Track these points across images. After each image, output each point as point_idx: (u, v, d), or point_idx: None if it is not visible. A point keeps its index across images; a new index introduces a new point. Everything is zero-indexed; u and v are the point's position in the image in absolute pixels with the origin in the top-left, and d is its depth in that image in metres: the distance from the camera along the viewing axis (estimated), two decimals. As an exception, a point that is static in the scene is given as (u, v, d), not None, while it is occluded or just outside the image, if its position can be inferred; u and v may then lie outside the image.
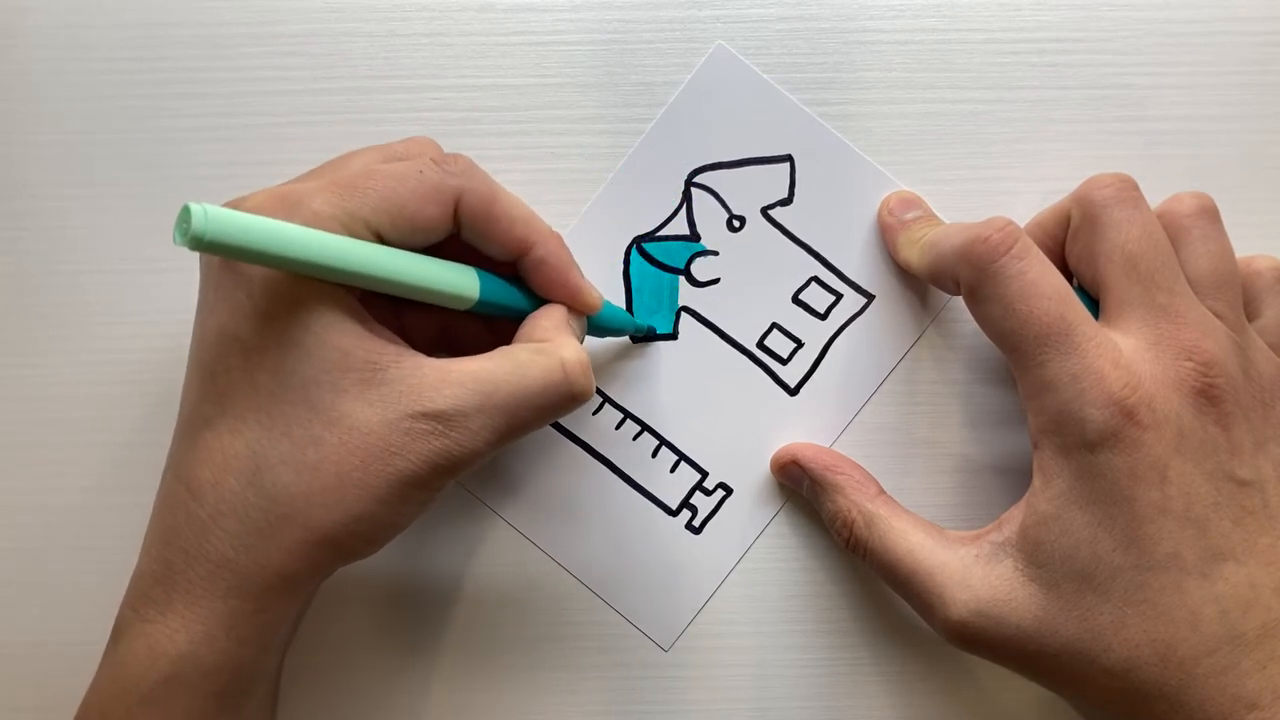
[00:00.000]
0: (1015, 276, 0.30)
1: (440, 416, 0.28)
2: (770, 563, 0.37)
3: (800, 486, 0.36)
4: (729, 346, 0.37)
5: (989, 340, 0.32)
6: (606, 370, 0.37)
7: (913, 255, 0.34)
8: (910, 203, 0.36)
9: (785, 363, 0.37)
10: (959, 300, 0.36)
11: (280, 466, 0.27)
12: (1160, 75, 0.37)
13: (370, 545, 0.29)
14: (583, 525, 0.36)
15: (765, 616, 0.37)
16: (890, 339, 0.37)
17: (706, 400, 0.37)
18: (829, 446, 0.36)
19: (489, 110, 0.37)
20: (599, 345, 0.37)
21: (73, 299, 0.37)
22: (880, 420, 0.37)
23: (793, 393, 0.37)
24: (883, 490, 0.35)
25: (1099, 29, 0.37)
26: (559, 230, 0.33)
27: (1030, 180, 0.37)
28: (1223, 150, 0.37)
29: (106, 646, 0.30)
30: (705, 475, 0.37)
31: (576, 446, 0.37)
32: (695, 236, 0.37)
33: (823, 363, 0.37)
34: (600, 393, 0.37)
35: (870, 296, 0.37)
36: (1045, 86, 0.37)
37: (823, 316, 0.37)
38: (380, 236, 0.29)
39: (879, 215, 0.36)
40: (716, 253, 0.37)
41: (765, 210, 0.37)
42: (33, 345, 0.37)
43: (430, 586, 0.36)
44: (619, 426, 0.37)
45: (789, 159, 0.37)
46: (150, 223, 0.37)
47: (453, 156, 0.31)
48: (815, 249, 0.37)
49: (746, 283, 0.37)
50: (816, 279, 0.37)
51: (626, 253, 0.37)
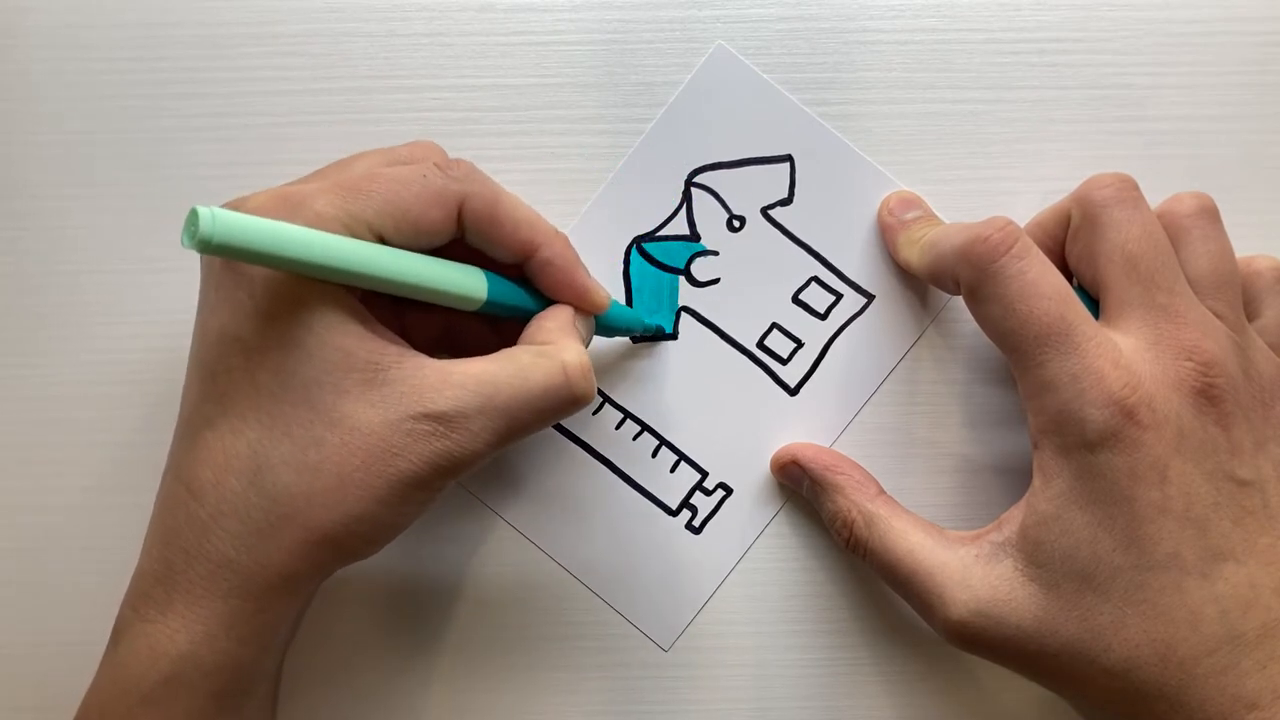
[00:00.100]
0: (1015, 276, 0.30)
1: (441, 418, 0.28)
2: (770, 563, 0.37)
3: (800, 486, 0.36)
4: (729, 346, 0.37)
5: (989, 340, 0.32)
6: (607, 370, 0.37)
7: (913, 255, 0.34)
8: (910, 203, 0.36)
9: (785, 363, 0.37)
10: (959, 300, 0.36)
11: (281, 467, 0.27)
12: (1160, 75, 0.37)
13: (371, 545, 0.29)
14: (583, 525, 0.36)
15: (765, 616, 0.37)
16: (890, 339, 0.37)
17: (706, 400, 0.37)
18: (829, 446, 0.36)
19: (489, 110, 0.37)
20: (599, 345, 0.37)
21: (73, 299, 0.37)
22: (880, 420, 0.37)
23: (793, 393, 0.37)
24: (883, 490, 0.35)
25: (1099, 29, 0.37)
26: (563, 229, 0.33)
27: (1030, 180, 0.37)
28: (1223, 150, 0.37)
29: (107, 646, 0.30)
30: (705, 475, 0.37)
31: (577, 446, 0.37)
32: (695, 236, 0.37)
33: (823, 363, 0.37)
34: (601, 393, 0.37)
35: (870, 296, 0.37)
36: (1045, 86, 0.37)
37: (823, 316, 0.37)
38: (383, 239, 0.29)
39: (879, 215, 0.36)
40: (716, 253, 0.37)
41: (765, 210, 0.37)
42: (33, 345, 0.37)
43: (430, 586, 0.36)
44: (619, 426, 0.37)
45: (789, 159, 0.37)
46: (150, 223, 0.37)
47: (456, 161, 0.31)
48: (815, 249, 0.37)
49: (746, 283, 0.37)
50: (816, 279, 0.37)
51: (626, 253, 0.37)
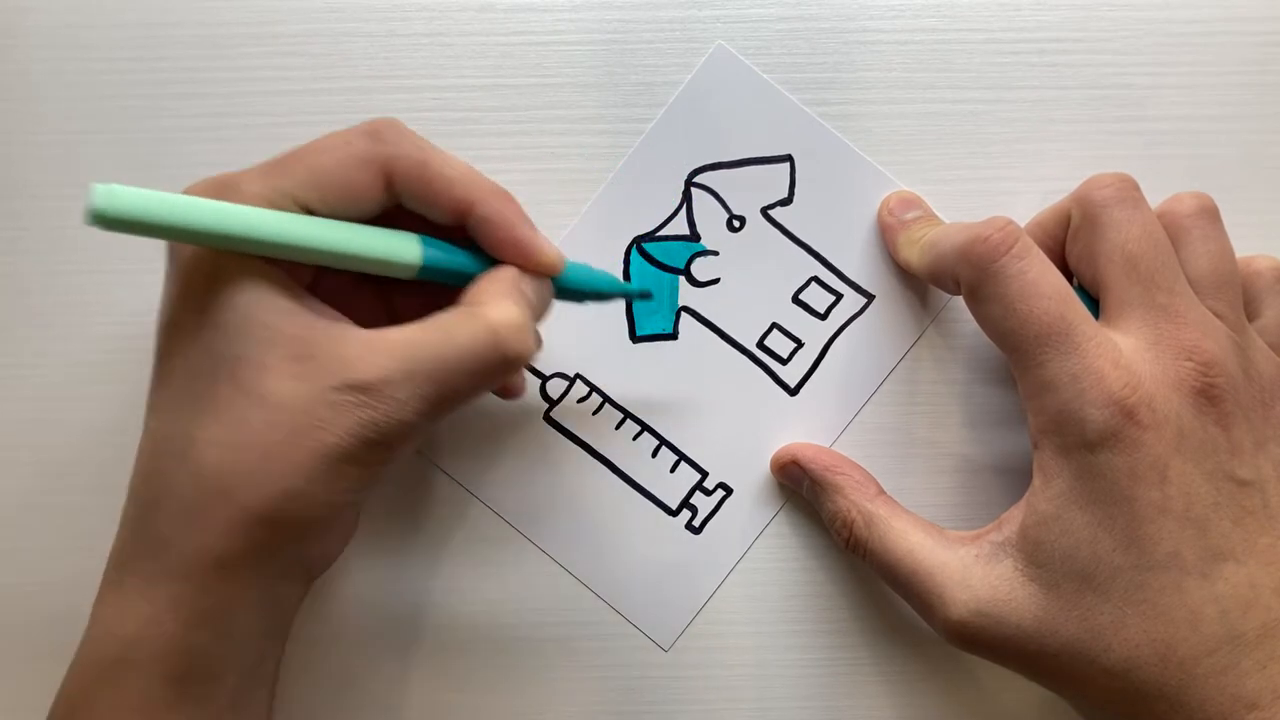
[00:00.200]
0: (1015, 276, 0.30)
1: (364, 387, 0.27)
2: (770, 563, 0.37)
3: (800, 487, 0.36)
4: (729, 346, 0.37)
5: (989, 340, 0.32)
6: (607, 370, 0.37)
7: (913, 255, 0.34)
8: (910, 203, 0.36)
9: (785, 363, 0.37)
10: (959, 300, 0.36)
11: (210, 447, 0.27)
12: (1160, 75, 0.37)
13: (309, 525, 0.28)
14: (583, 525, 0.36)
15: (765, 616, 0.37)
16: (890, 339, 0.37)
17: (706, 400, 0.37)
18: (829, 446, 0.36)
19: (489, 110, 0.37)
20: (597, 339, 0.37)
21: (73, 299, 0.37)
22: (880, 420, 0.37)
23: (793, 393, 0.37)
24: (882, 490, 0.35)
25: (1099, 29, 0.37)
26: (559, 230, 0.32)
27: (1030, 180, 0.37)
28: (1223, 150, 0.37)
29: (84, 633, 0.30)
30: (705, 475, 0.37)
31: (576, 447, 0.37)
32: (695, 236, 0.37)
33: (823, 363, 0.37)
34: (600, 393, 0.37)
35: (870, 296, 0.37)
36: (1045, 86, 0.37)
37: (823, 316, 0.37)
38: (312, 211, 0.29)
39: (879, 215, 0.36)
40: (716, 253, 0.37)
41: (765, 210, 0.37)
42: (32, 345, 0.37)
43: (430, 586, 0.36)
44: (619, 426, 0.37)
45: (789, 159, 0.37)
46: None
47: (385, 123, 0.30)
48: (815, 249, 0.37)
49: (746, 283, 0.37)
50: (816, 279, 0.37)
51: (626, 253, 0.37)
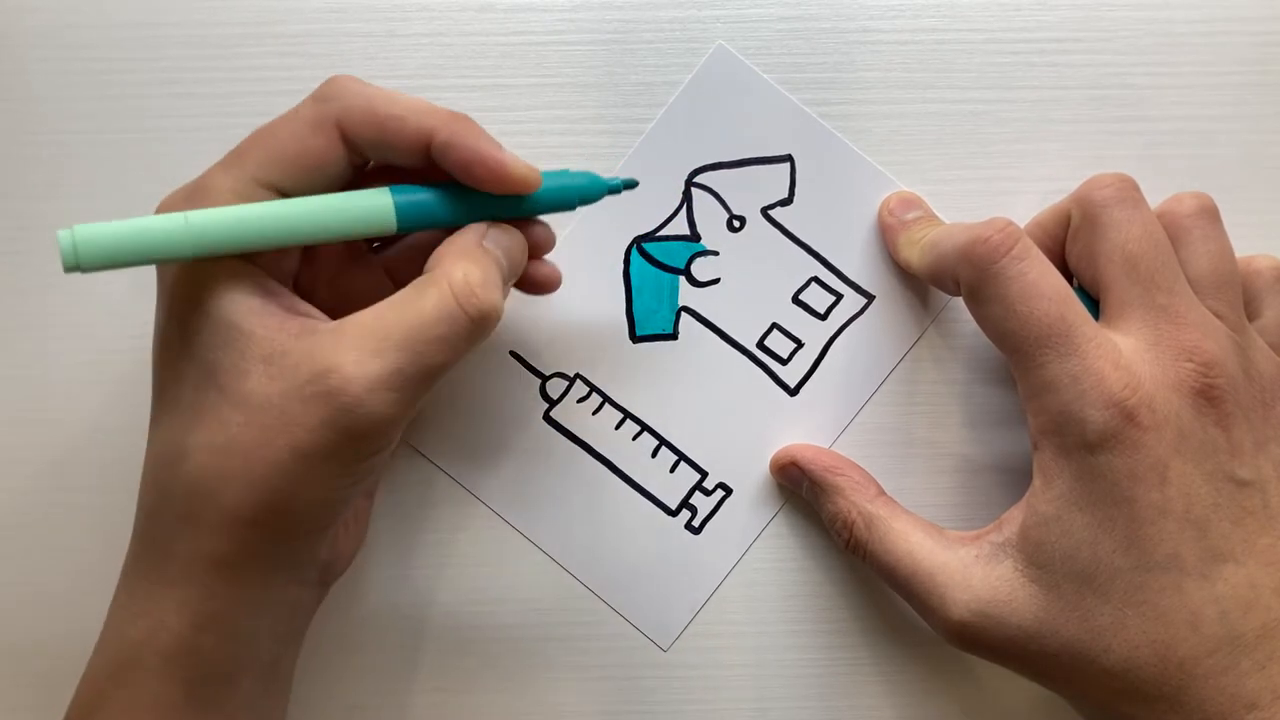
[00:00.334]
0: (1016, 277, 0.30)
1: (333, 378, 0.27)
2: (770, 563, 0.37)
3: (800, 488, 0.36)
4: (729, 346, 0.37)
5: (989, 341, 0.32)
6: (606, 370, 0.37)
7: (913, 255, 0.34)
8: (910, 203, 0.36)
9: (785, 363, 0.37)
10: (959, 301, 0.36)
11: (197, 453, 0.28)
12: (1160, 75, 0.37)
13: (299, 524, 0.28)
14: (582, 525, 0.36)
15: (764, 617, 0.37)
16: (890, 339, 0.37)
17: (706, 400, 0.37)
18: (829, 447, 0.36)
19: (489, 110, 0.37)
20: (597, 339, 0.37)
21: (72, 299, 0.37)
22: (880, 420, 0.37)
23: (793, 393, 0.37)
24: (882, 491, 0.35)
25: (1099, 29, 0.37)
26: (560, 229, 0.32)
27: (1030, 180, 0.37)
28: (1223, 150, 0.37)
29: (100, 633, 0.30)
30: (705, 475, 0.37)
31: (576, 447, 0.37)
32: (695, 236, 0.37)
33: (823, 363, 0.37)
34: (600, 393, 0.37)
35: (870, 297, 0.37)
36: (1045, 86, 0.37)
37: (823, 317, 0.37)
38: (279, 190, 0.28)
39: (879, 216, 0.36)
40: (716, 253, 0.37)
41: (765, 210, 0.37)
42: (32, 345, 0.37)
43: (429, 587, 0.36)
44: (619, 426, 0.37)
45: (789, 159, 0.37)
46: (150, 223, 0.37)
47: (330, 82, 0.29)
48: (815, 249, 0.37)
49: (746, 283, 0.37)
50: (817, 279, 0.37)
51: (626, 253, 0.37)
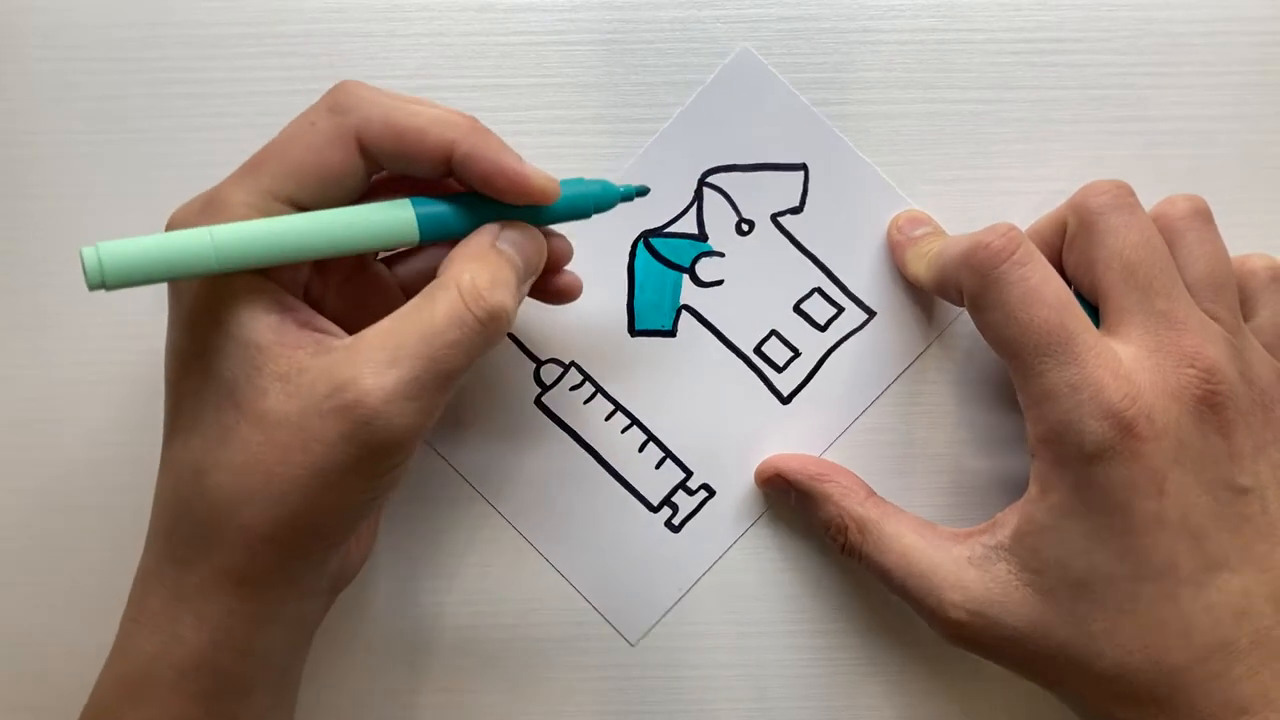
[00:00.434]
0: (1017, 283, 0.30)
1: (350, 392, 0.26)
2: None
3: (788, 498, 0.35)
4: (726, 349, 0.37)
5: (987, 363, 0.32)
6: (602, 361, 0.37)
7: (920, 269, 0.34)
8: (919, 220, 0.36)
9: (781, 370, 0.37)
10: (959, 324, 0.36)
11: (217, 471, 0.27)
12: (1160, 75, 0.37)
13: (319, 540, 0.28)
14: (562, 512, 0.36)
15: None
16: (888, 356, 0.37)
17: (698, 400, 0.37)
18: (821, 453, 0.36)
19: (489, 110, 0.36)
20: (595, 330, 0.36)
21: (72, 299, 0.37)
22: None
23: (785, 401, 0.37)
24: (872, 492, 0.34)
25: (1099, 29, 0.37)
26: (567, 231, 0.32)
27: (1030, 180, 0.37)
28: (1223, 150, 0.37)
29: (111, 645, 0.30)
30: (690, 475, 0.37)
31: (564, 434, 0.37)
32: (703, 236, 0.37)
33: (818, 374, 0.37)
34: (593, 382, 0.37)
35: (871, 313, 0.37)
36: (1045, 86, 0.37)
37: (822, 328, 0.37)
38: (295, 203, 0.28)
39: (888, 233, 0.36)
40: (723, 254, 0.37)
41: (775, 217, 0.37)
42: (33, 346, 0.37)
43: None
44: (609, 418, 0.37)
45: (804, 168, 0.37)
46: (150, 223, 0.36)
47: (343, 91, 0.29)
48: (821, 260, 0.37)
49: (749, 287, 0.37)
50: (820, 290, 0.37)
51: (633, 246, 0.37)
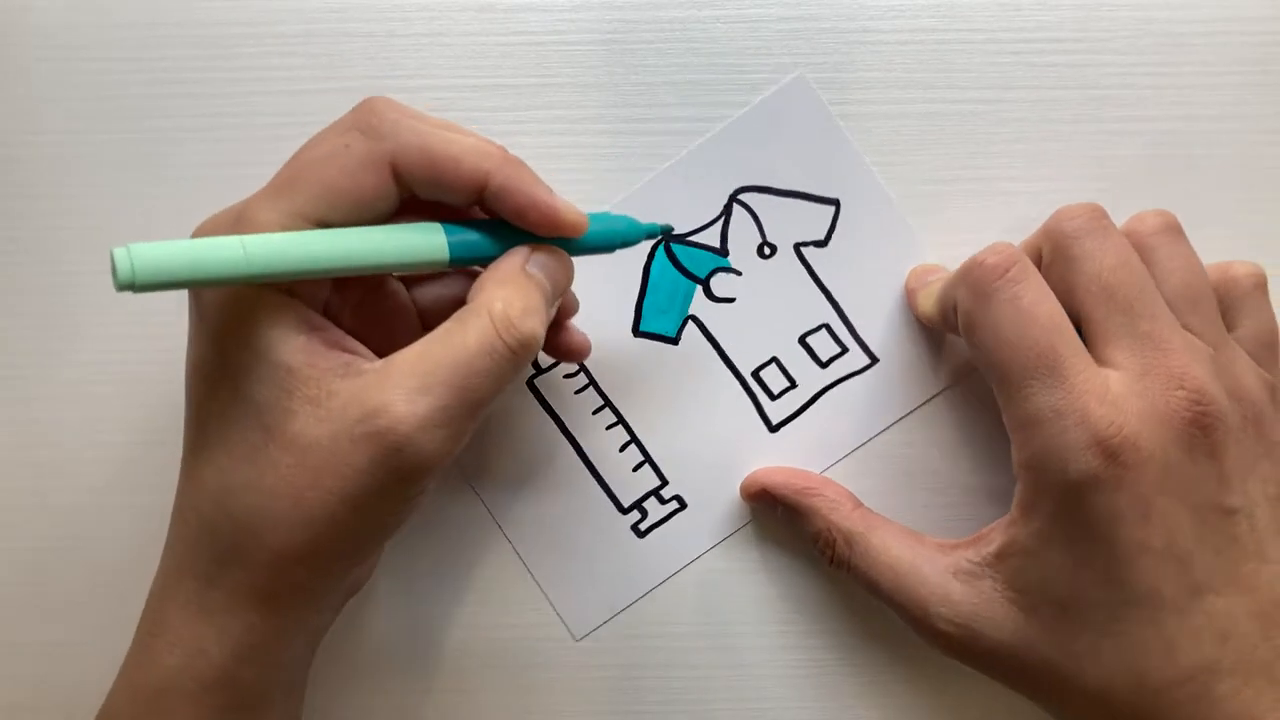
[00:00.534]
0: (1009, 301, 0.30)
1: (382, 414, 0.27)
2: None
3: (774, 511, 0.35)
4: (724, 367, 0.37)
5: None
6: (601, 355, 0.36)
7: (928, 305, 0.34)
8: (933, 269, 0.36)
9: (774, 398, 0.37)
10: (957, 391, 0.36)
11: (244, 491, 0.27)
12: (1160, 75, 0.37)
13: (343, 562, 0.29)
14: (532, 496, 0.36)
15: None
16: (882, 405, 0.36)
17: (688, 413, 0.37)
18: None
19: (489, 110, 0.37)
20: (600, 323, 0.36)
21: (72, 299, 0.37)
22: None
23: (773, 429, 0.37)
24: (860, 503, 0.34)
25: (1099, 29, 0.37)
26: (599, 207, 0.31)
27: (1030, 180, 0.37)
28: (1223, 150, 0.37)
29: (125, 656, 0.30)
30: (665, 483, 0.36)
31: (550, 419, 0.36)
32: (724, 251, 0.37)
33: (810, 409, 0.37)
34: (588, 374, 0.37)
35: (875, 359, 0.37)
36: (1045, 86, 0.37)
37: (823, 365, 0.37)
38: (324, 224, 0.28)
39: (906, 281, 0.36)
40: (740, 273, 0.36)
41: (799, 246, 0.36)
42: (32, 345, 0.37)
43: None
44: (596, 412, 0.37)
45: (836, 203, 0.36)
46: (150, 223, 0.37)
47: (376, 113, 0.29)
48: (835, 298, 0.37)
49: (759, 310, 0.37)
50: (828, 327, 0.37)
51: (653, 247, 0.37)
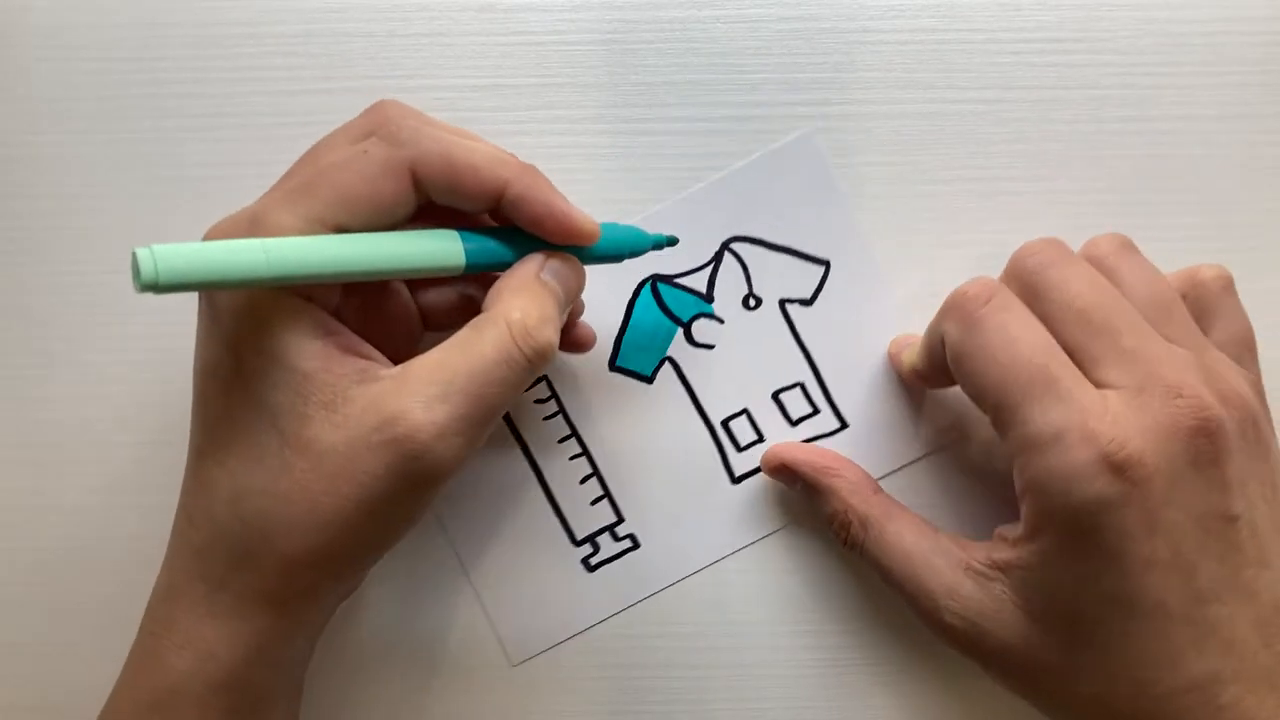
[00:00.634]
0: (998, 328, 0.29)
1: (400, 421, 0.27)
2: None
3: (793, 487, 0.35)
4: (695, 413, 0.37)
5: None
6: (574, 385, 0.36)
7: (913, 355, 0.34)
8: (916, 337, 0.35)
9: (741, 450, 0.37)
10: (923, 465, 0.36)
11: (257, 495, 0.28)
12: (1160, 75, 0.37)
13: (353, 563, 0.30)
14: (487, 516, 0.36)
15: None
16: None
17: (653, 454, 0.36)
18: (742, 550, 0.36)
19: (489, 110, 0.37)
20: (576, 357, 0.36)
21: (72, 299, 0.37)
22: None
23: (735, 480, 0.36)
24: (879, 488, 0.34)
25: (1099, 29, 0.37)
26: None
27: (1030, 180, 0.37)
28: (1223, 150, 0.37)
29: (127, 657, 0.30)
30: (621, 521, 0.36)
31: (515, 441, 0.36)
32: (709, 298, 0.37)
33: None
34: (559, 402, 0.36)
35: (844, 424, 0.37)
36: (1045, 86, 0.37)
37: (793, 423, 0.37)
38: (341, 229, 0.28)
39: (889, 348, 0.36)
40: (722, 321, 0.36)
41: (784, 302, 0.36)
42: (33, 345, 0.37)
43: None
44: (562, 441, 0.36)
45: (826, 265, 0.36)
46: (150, 222, 0.37)
47: (393, 120, 0.29)
48: (814, 358, 0.37)
49: (737, 361, 0.37)
50: (802, 386, 0.37)
51: (640, 284, 0.37)
